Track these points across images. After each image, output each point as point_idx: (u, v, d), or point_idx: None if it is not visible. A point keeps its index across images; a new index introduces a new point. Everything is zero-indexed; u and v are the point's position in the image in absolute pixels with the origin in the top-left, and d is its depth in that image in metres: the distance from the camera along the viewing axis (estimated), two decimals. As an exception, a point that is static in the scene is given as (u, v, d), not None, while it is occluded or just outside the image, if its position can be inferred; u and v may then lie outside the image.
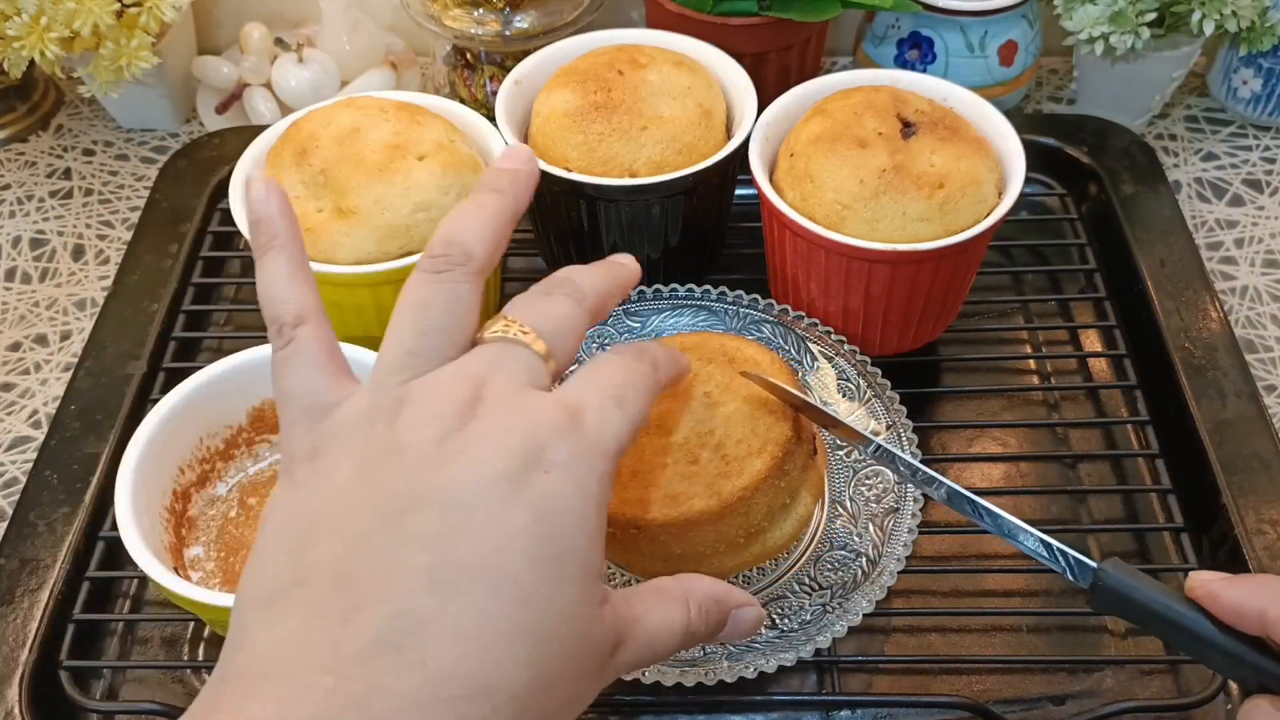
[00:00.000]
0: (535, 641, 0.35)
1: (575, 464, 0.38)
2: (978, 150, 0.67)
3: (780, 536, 0.58)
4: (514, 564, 0.36)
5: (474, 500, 0.36)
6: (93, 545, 0.66)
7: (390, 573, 0.35)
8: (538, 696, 0.35)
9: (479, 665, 0.34)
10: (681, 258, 0.75)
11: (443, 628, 0.34)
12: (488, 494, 0.36)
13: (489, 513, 0.36)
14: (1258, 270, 0.85)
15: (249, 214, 0.43)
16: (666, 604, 0.42)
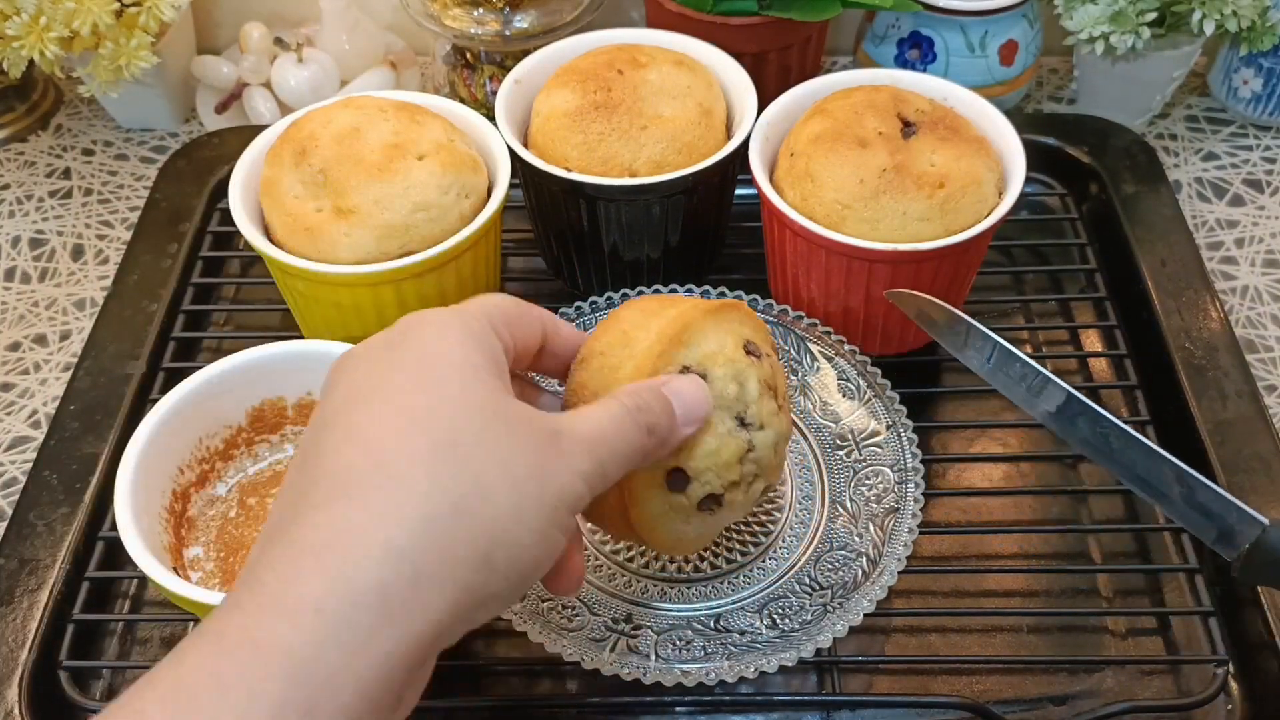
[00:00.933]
0: (418, 418, 0.39)
1: (431, 320, 0.43)
2: (978, 150, 0.67)
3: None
4: (386, 379, 0.41)
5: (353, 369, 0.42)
6: (92, 545, 0.66)
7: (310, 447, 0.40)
8: (447, 458, 0.38)
9: (369, 454, 0.38)
10: (681, 257, 0.75)
11: (334, 441, 0.39)
12: (363, 358, 0.42)
13: (364, 367, 0.42)
14: (1258, 270, 0.85)
15: None
16: (599, 404, 0.45)
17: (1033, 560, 0.67)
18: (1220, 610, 0.62)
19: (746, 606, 0.59)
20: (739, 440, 0.51)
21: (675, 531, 0.53)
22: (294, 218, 0.64)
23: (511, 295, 0.48)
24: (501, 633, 0.62)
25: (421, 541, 0.37)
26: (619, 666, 0.55)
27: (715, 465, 0.51)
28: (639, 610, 0.59)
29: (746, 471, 0.52)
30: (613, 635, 0.57)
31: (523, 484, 0.39)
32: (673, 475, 0.51)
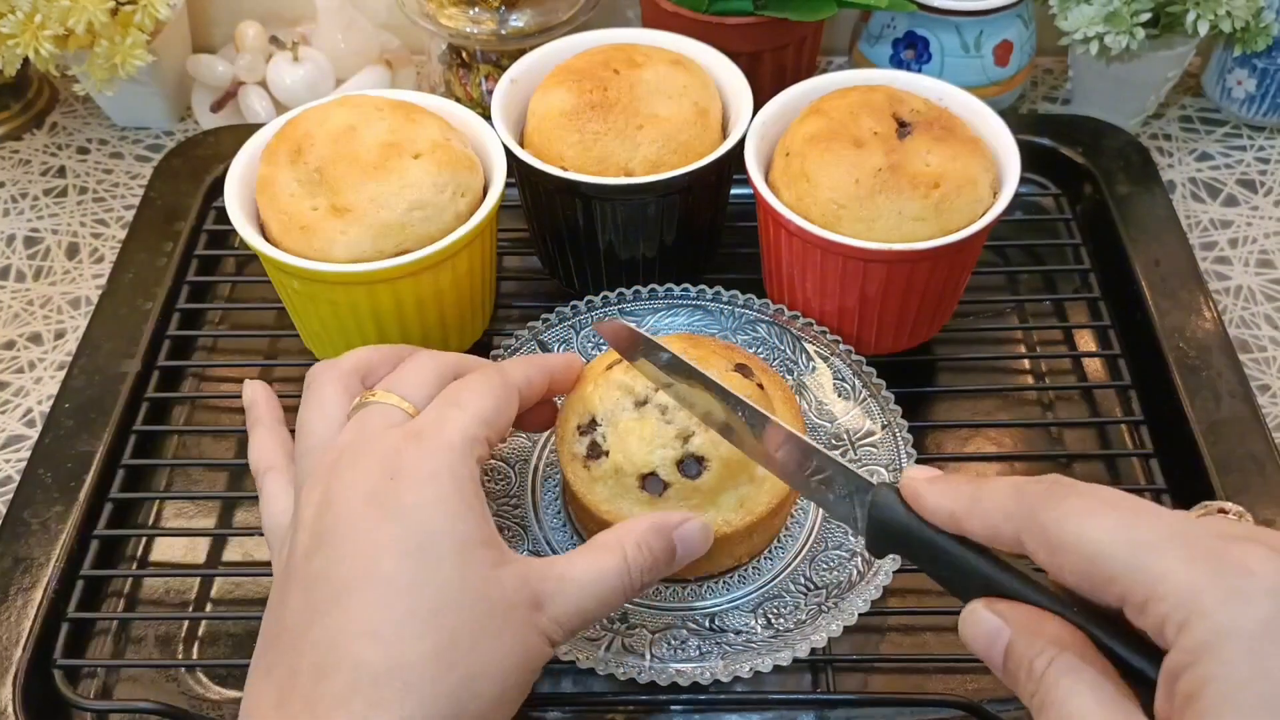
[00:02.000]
0: (425, 616, 0.43)
1: (420, 464, 0.46)
2: (973, 150, 0.67)
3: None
4: (388, 565, 0.44)
5: (345, 530, 0.45)
6: (86, 544, 0.66)
7: (304, 613, 0.44)
8: (448, 664, 0.43)
9: (382, 651, 0.42)
10: (677, 257, 0.75)
11: (345, 635, 0.43)
12: (357, 520, 0.45)
13: (360, 535, 0.45)
14: (1252, 270, 0.85)
15: (245, 401, 0.57)
16: (596, 553, 0.49)
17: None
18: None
19: (742, 606, 0.59)
20: (654, 421, 0.55)
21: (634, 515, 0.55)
22: (289, 216, 0.64)
23: (489, 375, 0.52)
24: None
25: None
26: (614, 665, 0.55)
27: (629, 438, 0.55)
28: (634, 609, 0.59)
29: (692, 449, 0.55)
30: (608, 634, 0.57)
31: (509, 672, 0.45)
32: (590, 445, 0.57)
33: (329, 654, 0.43)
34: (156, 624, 0.66)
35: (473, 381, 0.51)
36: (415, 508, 0.45)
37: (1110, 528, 0.37)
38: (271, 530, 0.51)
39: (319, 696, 0.42)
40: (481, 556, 0.46)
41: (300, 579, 0.45)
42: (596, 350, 0.70)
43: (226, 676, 0.63)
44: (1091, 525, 0.37)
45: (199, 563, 0.68)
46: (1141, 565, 0.36)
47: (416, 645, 0.43)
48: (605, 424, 0.57)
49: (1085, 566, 0.37)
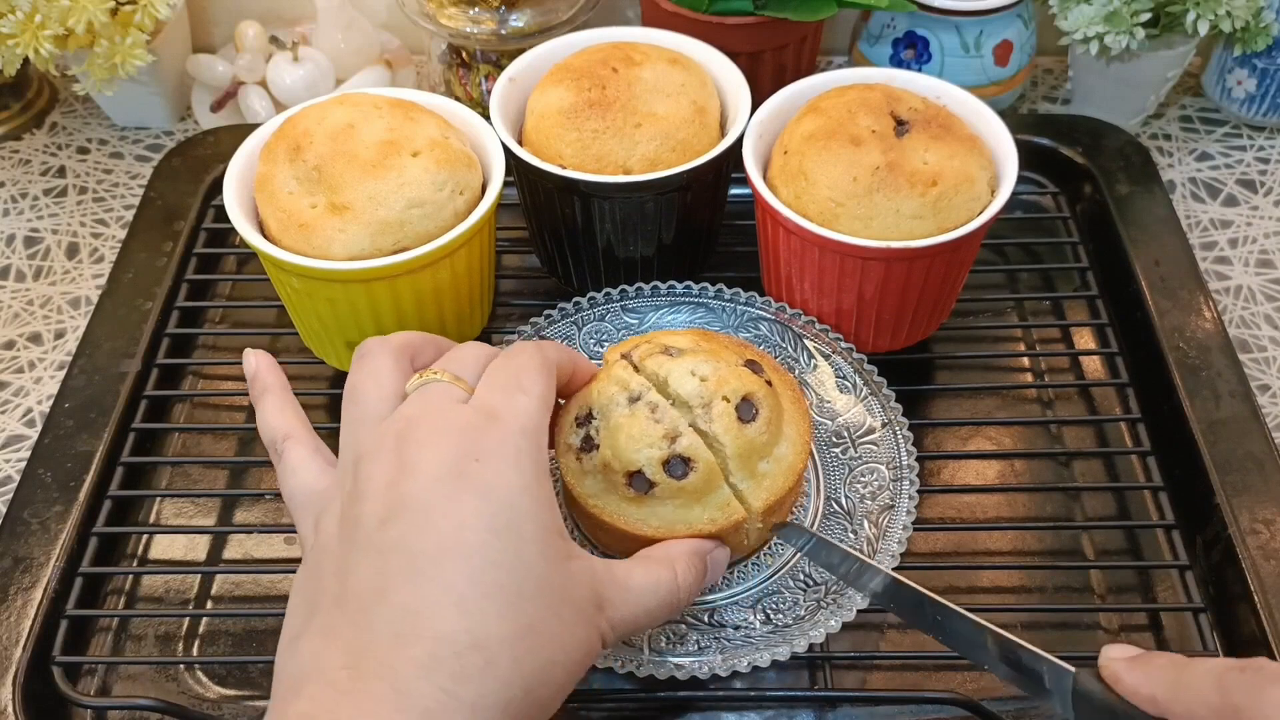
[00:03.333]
0: (508, 597, 0.43)
1: (501, 448, 0.46)
2: (971, 148, 0.67)
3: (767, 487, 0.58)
4: (474, 539, 0.43)
5: (427, 500, 0.44)
6: (86, 541, 0.66)
7: (377, 579, 0.43)
8: (525, 643, 0.43)
9: (466, 625, 0.42)
10: (675, 255, 0.75)
11: (429, 605, 0.42)
12: (437, 493, 0.44)
13: (442, 507, 0.44)
14: (1252, 270, 0.85)
15: (246, 371, 0.55)
16: (651, 565, 0.51)
17: (1026, 557, 0.67)
18: (1211, 607, 0.62)
19: (741, 601, 0.59)
20: (643, 419, 0.55)
21: (625, 514, 0.56)
22: (288, 214, 0.64)
23: (535, 357, 0.51)
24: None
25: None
26: (612, 659, 0.55)
27: (618, 434, 0.55)
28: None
29: (679, 449, 0.55)
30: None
31: (574, 662, 0.46)
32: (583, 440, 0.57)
33: (410, 621, 0.42)
34: (156, 622, 0.66)
35: (526, 363, 0.51)
36: (502, 488, 0.45)
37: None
38: (301, 498, 0.50)
39: (400, 661, 0.41)
40: (560, 547, 0.46)
41: (373, 546, 0.44)
42: (599, 348, 0.70)
43: (226, 675, 0.63)
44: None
45: (199, 561, 0.68)
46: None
47: (500, 624, 0.42)
48: (599, 418, 0.57)
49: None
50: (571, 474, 0.58)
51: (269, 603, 0.66)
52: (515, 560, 0.44)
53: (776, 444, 0.58)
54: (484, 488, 0.45)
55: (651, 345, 0.59)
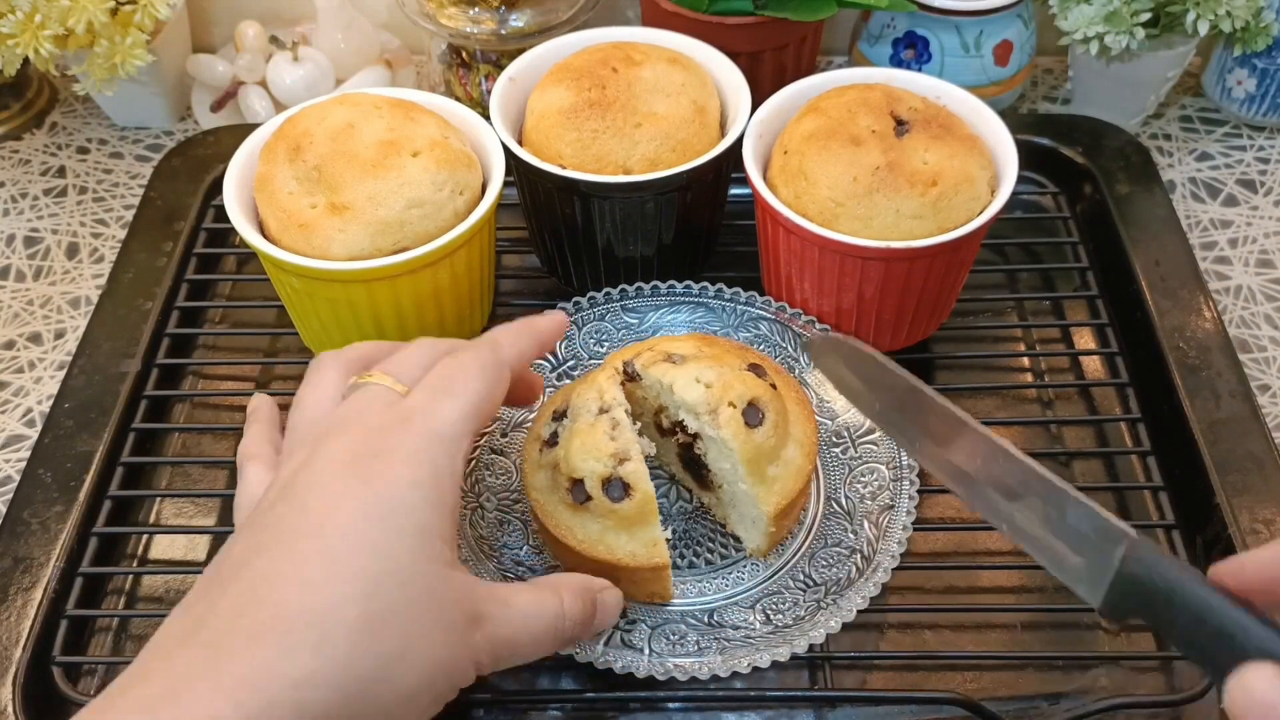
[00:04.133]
0: (363, 584, 0.42)
1: (403, 446, 0.46)
2: (971, 148, 0.67)
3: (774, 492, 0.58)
4: (342, 520, 0.43)
5: (311, 485, 0.45)
6: (86, 541, 0.66)
7: (243, 554, 0.44)
8: (372, 635, 0.42)
9: (308, 601, 0.41)
10: (675, 255, 0.75)
11: (277, 576, 0.42)
12: (324, 478, 0.45)
13: (324, 489, 0.44)
14: (1252, 270, 0.85)
15: (249, 409, 0.57)
16: (537, 591, 0.49)
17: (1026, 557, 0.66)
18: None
19: (741, 602, 0.59)
20: (599, 433, 0.56)
21: (558, 516, 0.57)
22: (288, 214, 0.64)
23: (482, 355, 0.51)
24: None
25: (326, 709, 0.40)
26: (613, 660, 0.55)
27: (578, 448, 0.56)
28: (633, 604, 0.59)
29: (622, 472, 0.55)
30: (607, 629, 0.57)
31: (429, 671, 0.44)
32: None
33: (254, 591, 0.42)
34: (156, 622, 0.64)
35: (466, 363, 0.50)
36: (389, 481, 0.45)
37: None
38: (243, 508, 0.51)
39: (230, 630, 0.41)
40: (438, 551, 0.45)
41: (253, 526, 0.45)
42: (599, 348, 0.70)
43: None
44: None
45: (199, 560, 0.68)
46: None
47: (347, 607, 0.41)
48: (569, 419, 0.57)
49: None
50: (529, 463, 0.59)
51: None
52: (382, 551, 0.43)
53: (784, 447, 0.58)
54: (370, 478, 0.45)
55: (654, 353, 0.59)
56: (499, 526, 0.62)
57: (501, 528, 0.62)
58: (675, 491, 0.66)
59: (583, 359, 0.70)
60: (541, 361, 0.69)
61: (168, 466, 0.73)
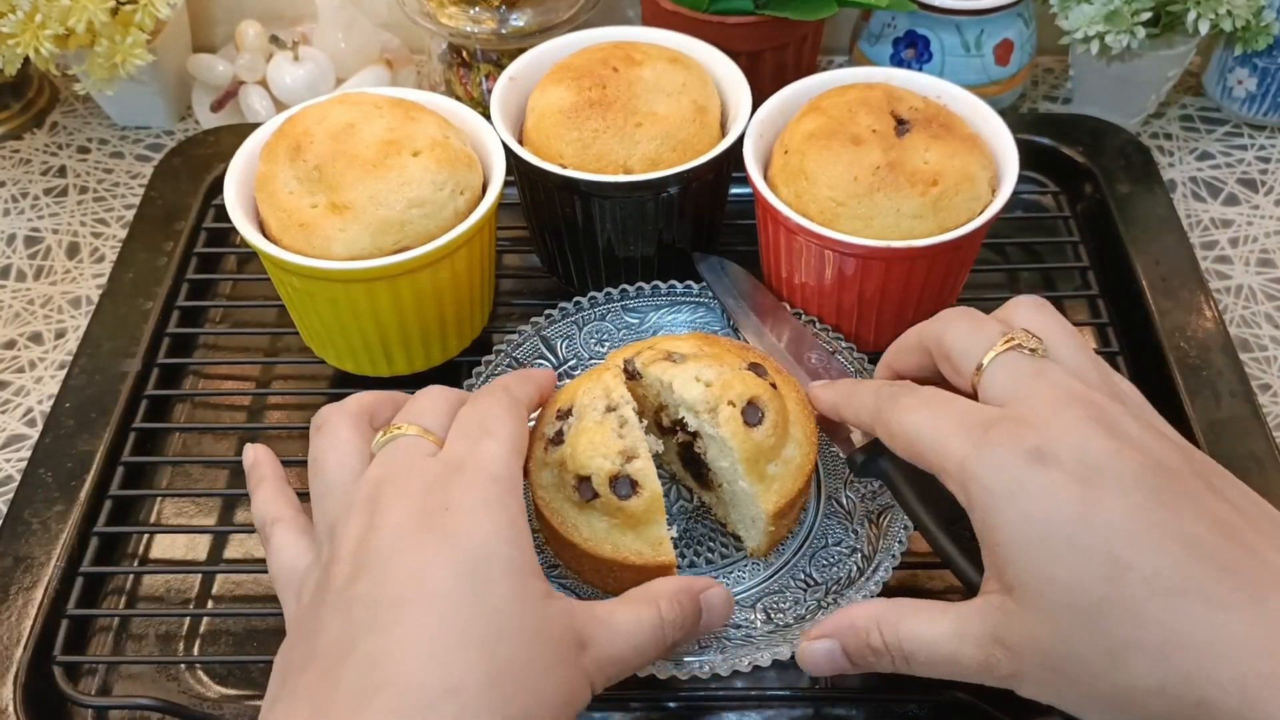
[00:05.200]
0: (480, 641, 0.42)
1: (469, 495, 0.46)
2: (971, 147, 0.67)
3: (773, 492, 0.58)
4: (438, 585, 0.43)
5: (391, 553, 0.44)
6: (86, 541, 0.66)
7: (343, 635, 0.43)
8: (502, 687, 0.41)
9: (436, 671, 0.41)
10: (676, 255, 0.75)
11: (394, 653, 0.41)
12: (402, 544, 0.44)
13: (405, 556, 0.44)
14: (1252, 269, 0.85)
15: (245, 463, 0.56)
16: (634, 605, 0.50)
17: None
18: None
19: (742, 601, 0.59)
20: (607, 430, 0.56)
21: (564, 514, 0.56)
22: (289, 214, 0.64)
23: (503, 399, 0.52)
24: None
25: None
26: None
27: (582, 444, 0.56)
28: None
29: (630, 470, 0.55)
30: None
31: (557, 705, 0.43)
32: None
33: (375, 671, 0.41)
34: (157, 621, 0.66)
35: (491, 406, 0.51)
36: (469, 534, 0.45)
37: (922, 420, 0.49)
38: (284, 577, 0.50)
39: (366, 713, 0.40)
40: (534, 587, 0.45)
41: (340, 603, 0.44)
42: (600, 348, 0.70)
43: (226, 674, 0.63)
44: (911, 419, 0.49)
45: (199, 560, 0.68)
46: (938, 448, 0.48)
47: (472, 670, 0.41)
48: (575, 417, 0.57)
49: (908, 448, 0.50)
50: (534, 462, 0.58)
51: (270, 602, 0.66)
52: (484, 604, 0.43)
53: (784, 446, 0.58)
54: (449, 535, 0.44)
55: (654, 351, 0.59)
56: None
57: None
58: (676, 491, 0.66)
59: (583, 359, 0.70)
60: (541, 361, 0.69)
61: (168, 466, 0.73)
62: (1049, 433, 0.45)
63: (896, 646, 0.48)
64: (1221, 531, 0.42)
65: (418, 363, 0.71)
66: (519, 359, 0.68)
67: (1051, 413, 0.46)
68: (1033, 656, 0.44)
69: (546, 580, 0.46)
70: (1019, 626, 0.44)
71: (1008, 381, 0.48)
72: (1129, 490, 0.43)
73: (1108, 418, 0.46)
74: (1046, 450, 0.44)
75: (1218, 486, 0.45)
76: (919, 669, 0.49)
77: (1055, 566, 0.43)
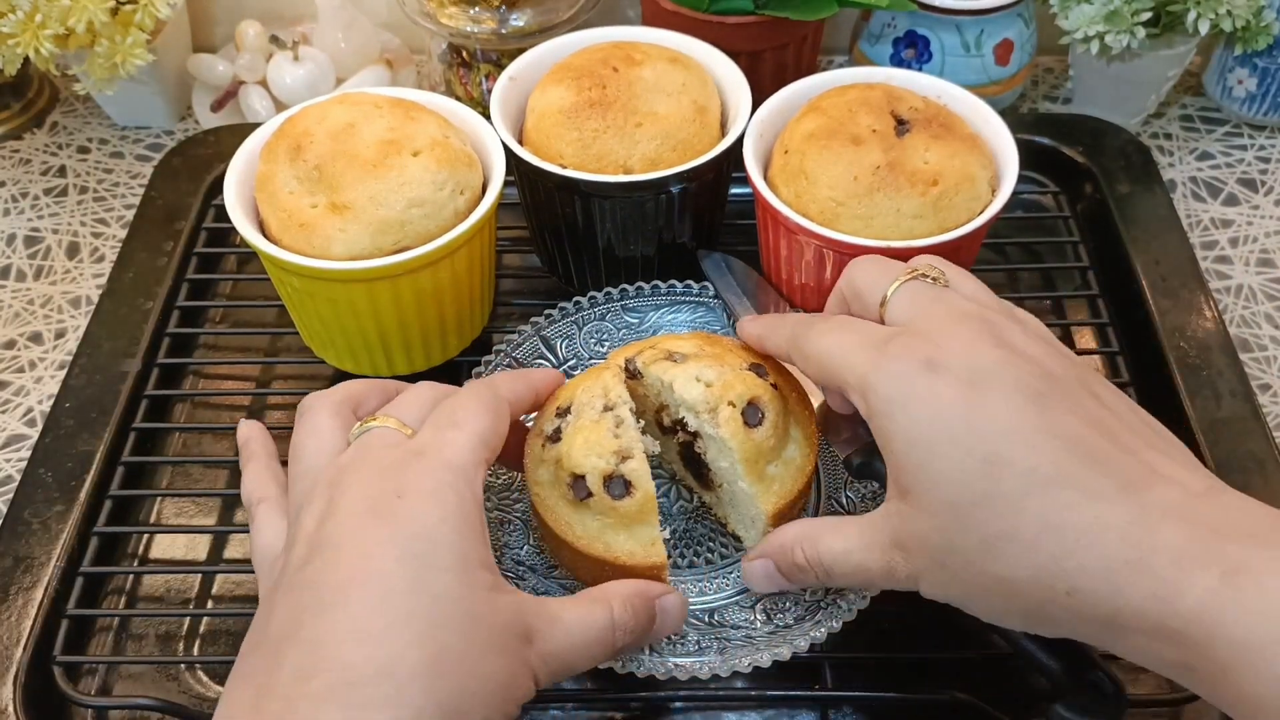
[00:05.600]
0: (419, 625, 0.42)
1: (422, 481, 0.46)
2: (971, 147, 0.67)
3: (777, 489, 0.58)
4: (381, 567, 0.43)
5: (341, 538, 0.45)
6: (86, 541, 0.66)
7: (290, 618, 0.44)
8: (438, 675, 0.42)
9: (370, 653, 0.41)
10: (676, 254, 0.75)
11: (333, 636, 0.42)
12: (353, 528, 0.45)
13: (355, 540, 0.45)
14: (1252, 269, 0.85)
15: (239, 439, 0.58)
16: (586, 604, 0.50)
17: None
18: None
19: (741, 601, 0.59)
20: (604, 430, 0.56)
21: (558, 512, 0.56)
22: (289, 214, 0.64)
23: (481, 392, 0.53)
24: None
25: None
26: (613, 660, 0.55)
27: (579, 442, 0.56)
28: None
29: (625, 470, 0.55)
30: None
31: (494, 695, 0.44)
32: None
33: (314, 654, 0.42)
34: (157, 621, 0.66)
35: (466, 399, 0.51)
36: (418, 519, 0.45)
37: (832, 342, 0.52)
38: (260, 557, 0.51)
39: (300, 695, 0.41)
40: (481, 577, 0.46)
41: (291, 586, 0.45)
42: (600, 348, 0.70)
43: (226, 674, 0.63)
44: (823, 342, 0.52)
45: (199, 560, 0.68)
46: (844, 364, 0.50)
47: (409, 651, 0.42)
48: (573, 415, 0.57)
49: (819, 371, 0.53)
50: (532, 459, 0.58)
51: (269, 602, 0.66)
52: (426, 589, 0.43)
53: (784, 447, 0.58)
54: (398, 520, 0.45)
55: (656, 351, 0.59)
56: (499, 526, 0.62)
57: (502, 527, 0.62)
58: (675, 491, 0.66)
59: (583, 358, 0.70)
60: (541, 361, 0.69)
61: (168, 466, 0.73)
62: (942, 344, 0.48)
63: (817, 561, 0.52)
64: (1100, 432, 0.45)
65: (418, 363, 0.71)
66: (519, 359, 0.68)
67: (947, 328, 0.49)
68: (924, 555, 0.47)
69: (498, 573, 0.47)
70: (911, 527, 0.47)
71: (909, 306, 0.51)
72: (1011, 394, 0.46)
73: (999, 332, 0.48)
74: (938, 360, 0.47)
75: (1100, 394, 0.48)
76: (839, 580, 0.53)
77: (940, 465, 0.45)
